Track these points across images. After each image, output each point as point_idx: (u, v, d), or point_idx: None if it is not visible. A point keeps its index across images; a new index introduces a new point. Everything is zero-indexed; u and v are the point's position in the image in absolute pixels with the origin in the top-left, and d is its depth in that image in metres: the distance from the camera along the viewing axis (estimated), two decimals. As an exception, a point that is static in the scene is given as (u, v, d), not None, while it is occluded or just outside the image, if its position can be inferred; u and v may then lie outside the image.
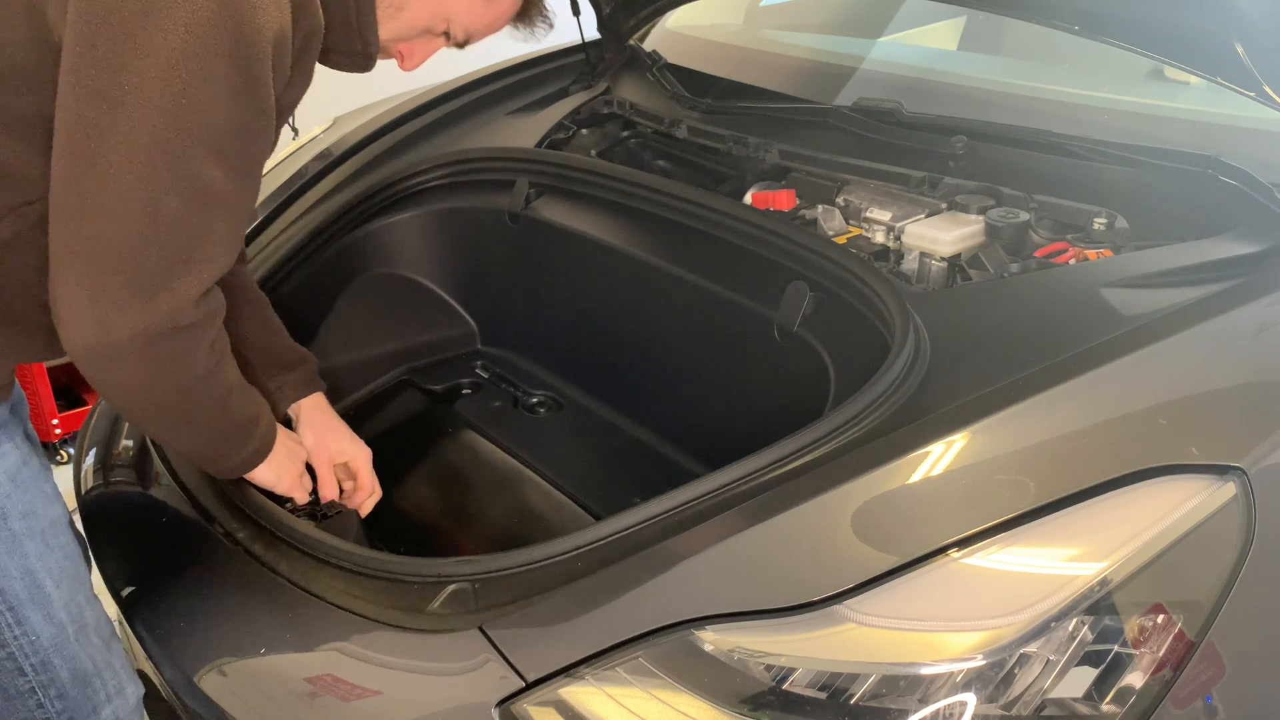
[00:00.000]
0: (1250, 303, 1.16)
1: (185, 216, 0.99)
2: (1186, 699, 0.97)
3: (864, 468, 1.02)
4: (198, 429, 1.17)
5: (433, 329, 2.05)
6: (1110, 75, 1.71)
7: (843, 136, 1.74)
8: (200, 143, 0.98)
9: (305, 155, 2.06)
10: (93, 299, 0.99)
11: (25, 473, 1.14)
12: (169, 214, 0.98)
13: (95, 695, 1.20)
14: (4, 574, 1.11)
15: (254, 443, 1.24)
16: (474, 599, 1.04)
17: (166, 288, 1.01)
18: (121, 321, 0.99)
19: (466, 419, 1.82)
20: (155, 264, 1.00)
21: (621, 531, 1.04)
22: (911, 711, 0.90)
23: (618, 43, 2.19)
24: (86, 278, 0.98)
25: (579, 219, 1.79)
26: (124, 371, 1.04)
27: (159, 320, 1.01)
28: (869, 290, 1.30)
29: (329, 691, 1.03)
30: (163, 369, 1.06)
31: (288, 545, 1.19)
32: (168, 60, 0.93)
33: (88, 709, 1.19)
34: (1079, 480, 0.98)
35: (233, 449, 1.22)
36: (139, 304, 0.99)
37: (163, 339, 1.03)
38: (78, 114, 0.95)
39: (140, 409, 1.13)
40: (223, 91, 0.97)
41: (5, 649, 1.13)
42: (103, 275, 0.98)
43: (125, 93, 0.94)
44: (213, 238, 1.03)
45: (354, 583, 1.11)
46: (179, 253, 1.01)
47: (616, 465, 1.69)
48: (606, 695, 0.94)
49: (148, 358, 1.03)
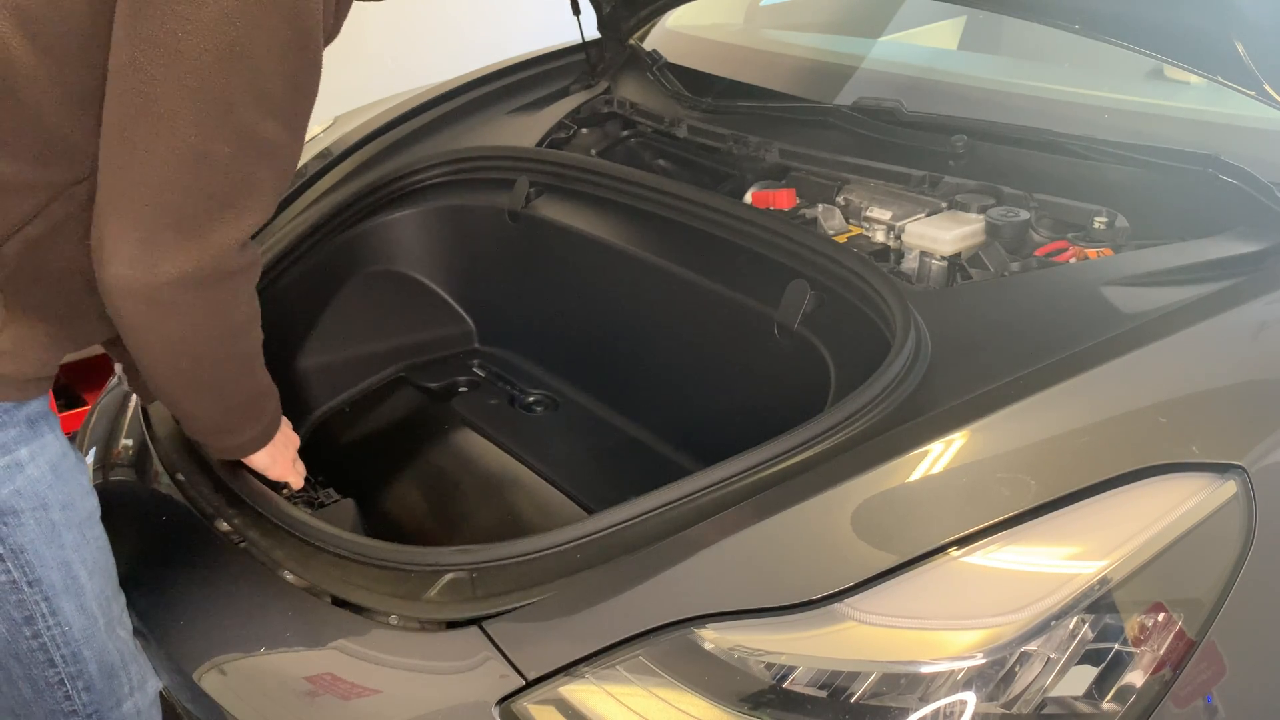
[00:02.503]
0: (1250, 301, 1.16)
1: (234, 164, 1.01)
2: (1187, 698, 0.97)
3: (864, 466, 1.02)
4: (219, 392, 1.18)
5: (430, 327, 2.05)
6: (1110, 75, 1.71)
7: (843, 136, 1.74)
8: (251, 92, 1.00)
9: (305, 154, 2.06)
10: (139, 240, 1.00)
11: (65, 464, 1.14)
12: (218, 160, 1.00)
13: (120, 689, 1.21)
14: (42, 564, 1.11)
15: (264, 420, 1.26)
16: (471, 588, 1.04)
17: (212, 232, 1.02)
18: (166, 263, 1.01)
19: (463, 417, 1.82)
20: (202, 208, 1.01)
21: (619, 524, 1.04)
22: (912, 710, 0.90)
23: (618, 42, 2.19)
24: (133, 219, 1.00)
25: (579, 218, 1.79)
26: (162, 317, 1.05)
27: (203, 264, 1.03)
28: (869, 289, 1.30)
29: (329, 690, 1.03)
30: (200, 317, 1.07)
31: (285, 533, 1.18)
32: (222, 11, 0.95)
33: (112, 702, 1.20)
34: (1079, 479, 0.98)
35: (244, 422, 1.24)
36: (184, 246, 1.01)
37: (204, 284, 1.04)
38: (131, 60, 0.97)
39: (170, 361, 1.12)
40: (274, 43, 0.99)
41: (39, 639, 1.12)
42: (150, 217, 1.00)
43: (179, 39, 0.95)
44: (260, 187, 1.05)
45: (351, 570, 1.11)
46: (226, 199, 1.03)
47: (614, 464, 1.69)
48: (607, 694, 0.94)
49: (187, 303, 1.05)
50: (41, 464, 1.10)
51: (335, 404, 1.93)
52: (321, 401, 1.92)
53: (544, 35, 2.40)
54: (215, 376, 1.16)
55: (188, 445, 1.37)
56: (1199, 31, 1.28)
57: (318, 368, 1.92)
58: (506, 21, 3.88)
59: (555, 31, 2.25)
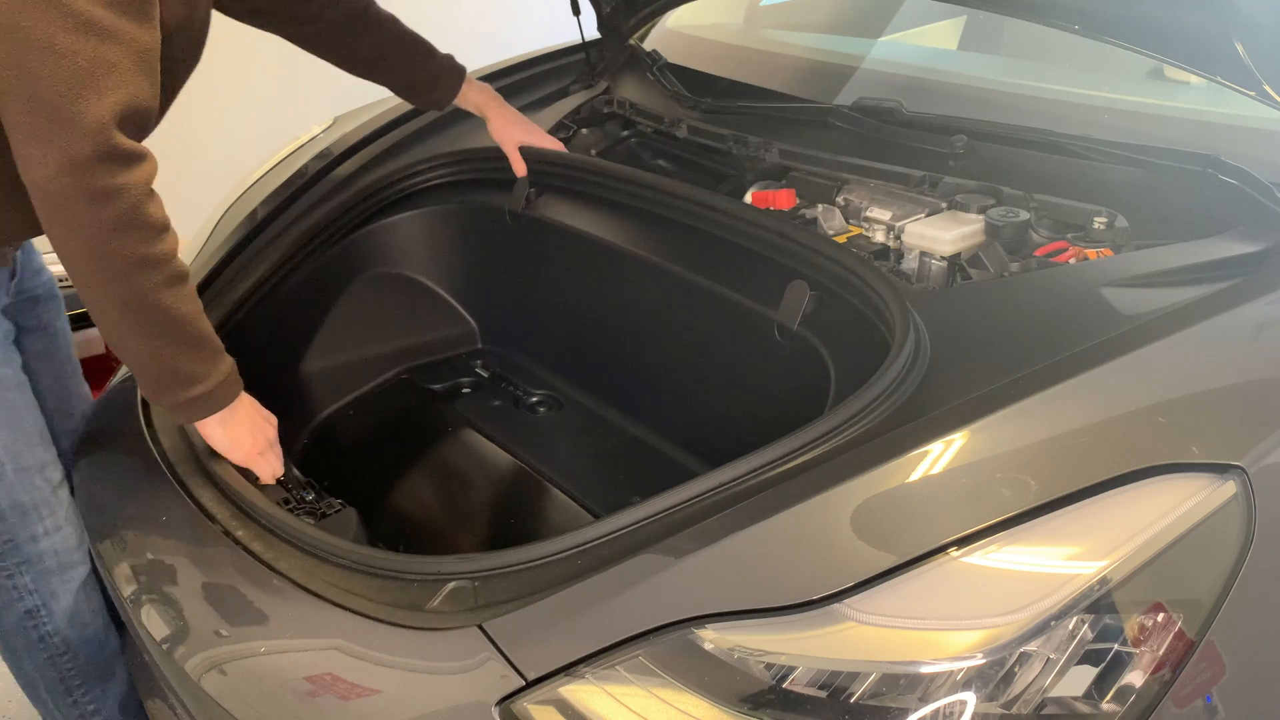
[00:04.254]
0: (1250, 301, 1.16)
1: (81, 49, 1.12)
2: (1186, 698, 0.97)
3: (864, 466, 1.02)
4: (144, 326, 1.24)
5: (433, 328, 2.05)
6: (1110, 75, 1.71)
7: (843, 136, 1.74)
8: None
9: (305, 155, 2.06)
10: (32, 139, 1.13)
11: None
12: (65, 48, 1.11)
13: (34, 526, 1.45)
14: None
15: (210, 378, 1.31)
16: (473, 597, 1.04)
17: (82, 113, 1.12)
18: (53, 154, 1.12)
19: (466, 418, 1.82)
20: (66, 91, 1.11)
21: (621, 529, 1.05)
22: (911, 710, 0.90)
23: (618, 42, 2.19)
24: (25, 125, 1.12)
25: (580, 218, 1.79)
26: (59, 213, 1.16)
27: (82, 147, 1.12)
28: (869, 289, 1.30)
29: (329, 690, 1.03)
30: (90, 212, 1.15)
31: (287, 544, 1.19)
32: None
33: (27, 536, 1.45)
34: (1079, 479, 0.98)
35: (183, 376, 1.29)
36: (61, 131, 1.12)
37: (87, 170, 1.13)
38: None
39: (85, 278, 1.20)
40: None
41: None
42: (30, 117, 1.12)
43: None
44: (119, 69, 1.15)
45: (353, 580, 1.11)
46: (86, 79, 1.12)
47: (616, 464, 1.69)
48: (607, 694, 0.94)
49: (75, 194, 1.14)
50: None
51: (339, 406, 1.93)
52: (325, 404, 1.92)
53: (544, 35, 2.40)
54: (132, 299, 1.21)
55: (190, 450, 1.37)
56: (1199, 31, 1.28)
57: (321, 370, 1.92)
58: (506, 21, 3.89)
59: (555, 31, 2.26)
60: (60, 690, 1.56)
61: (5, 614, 1.49)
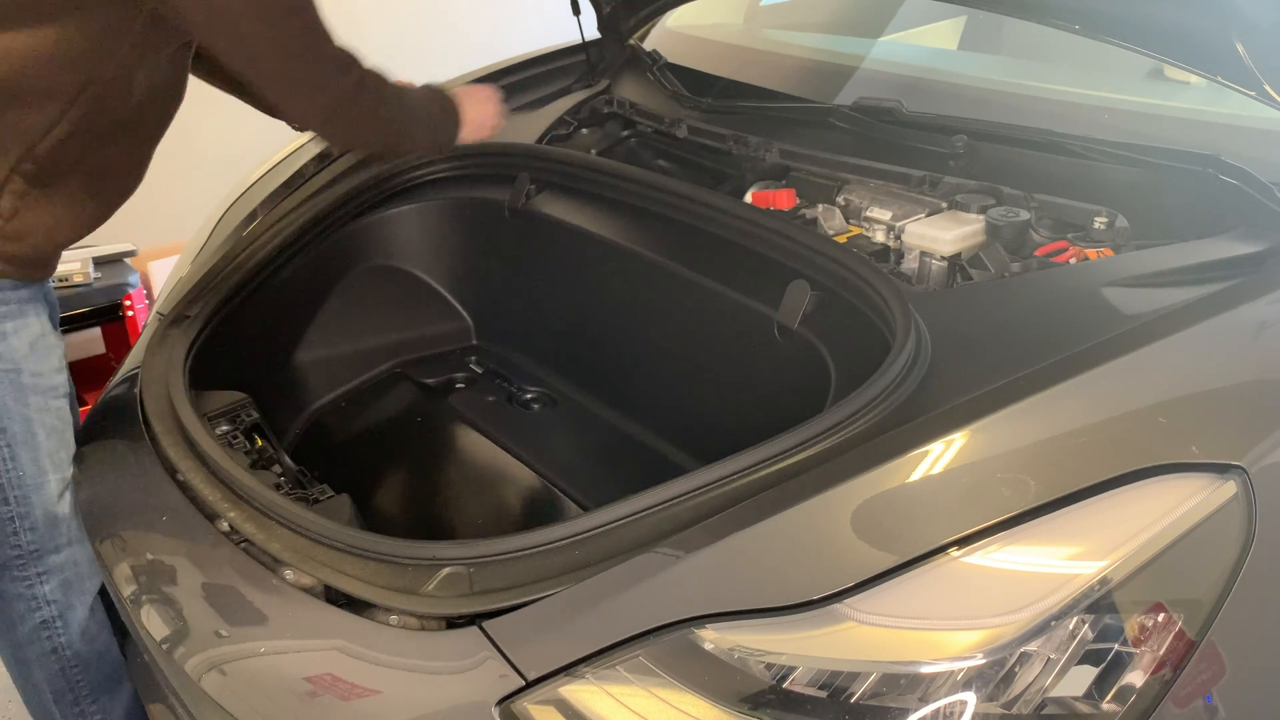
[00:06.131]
0: (1250, 302, 1.16)
1: (306, 10, 1.32)
2: (1187, 698, 0.97)
3: (864, 466, 1.02)
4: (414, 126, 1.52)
5: (428, 323, 2.05)
6: (1110, 75, 1.71)
7: (843, 136, 1.74)
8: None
9: (305, 155, 2.06)
10: (307, 87, 1.35)
11: (43, 343, 1.42)
12: (304, 11, 1.32)
13: (59, 537, 1.46)
14: (8, 415, 1.38)
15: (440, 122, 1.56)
16: (469, 582, 1.03)
17: (332, 55, 1.35)
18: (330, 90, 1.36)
19: (460, 413, 1.82)
20: (321, 44, 1.34)
21: (618, 520, 1.04)
22: (912, 710, 0.90)
23: (618, 42, 2.19)
24: (291, 79, 1.34)
25: (578, 215, 1.79)
26: (352, 118, 1.40)
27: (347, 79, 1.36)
28: (870, 289, 1.30)
29: (328, 690, 1.03)
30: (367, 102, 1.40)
31: (282, 526, 1.18)
32: None
33: (51, 547, 1.46)
34: (1079, 479, 0.98)
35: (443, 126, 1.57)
36: (331, 73, 1.36)
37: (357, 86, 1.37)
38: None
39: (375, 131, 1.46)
40: None
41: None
42: (301, 68, 1.33)
43: None
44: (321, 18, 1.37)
45: (348, 563, 1.10)
46: (322, 32, 1.34)
47: (611, 462, 1.69)
48: (607, 694, 0.94)
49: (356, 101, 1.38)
50: (23, 337, 1.39)
51: (332, 398, 1.93)
52: (318, 396, 1.92)
53: (544, 35, 2.40)
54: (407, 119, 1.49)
55: (188, 444, 1.37)
56: (1199, 31, 1.28)
57: (315, 362, 1.92)
58: (506, 21, 3.89)
59: (555, 31, 2.26)
60: (69, 700, 1.55)
61: (21, 624, 1.49)
